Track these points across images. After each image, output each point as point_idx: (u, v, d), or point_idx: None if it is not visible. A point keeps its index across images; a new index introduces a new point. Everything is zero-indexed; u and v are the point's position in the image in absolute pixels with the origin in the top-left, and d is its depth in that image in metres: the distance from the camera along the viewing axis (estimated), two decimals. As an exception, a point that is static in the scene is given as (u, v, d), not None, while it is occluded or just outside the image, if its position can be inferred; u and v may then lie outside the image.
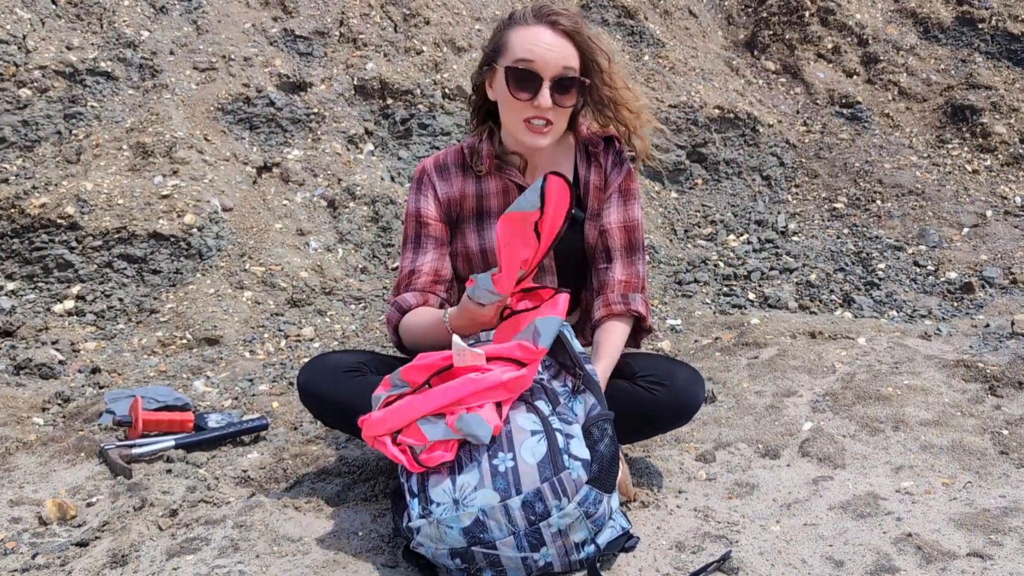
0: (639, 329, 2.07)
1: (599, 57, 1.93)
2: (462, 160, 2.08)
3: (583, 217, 2.07)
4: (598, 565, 1.65)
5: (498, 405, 1.66)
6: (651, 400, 1.91)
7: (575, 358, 1.76)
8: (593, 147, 2.09)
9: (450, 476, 1.62)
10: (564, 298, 1.77)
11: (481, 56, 2.03)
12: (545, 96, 1.88)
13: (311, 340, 3.31)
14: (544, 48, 1.87)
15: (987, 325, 3.31)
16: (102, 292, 3.48)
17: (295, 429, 2.52)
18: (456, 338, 1.69)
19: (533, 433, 1.63)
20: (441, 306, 2.01)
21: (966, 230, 4.46)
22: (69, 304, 3.41)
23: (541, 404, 1.70)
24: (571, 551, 1.62)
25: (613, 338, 1.99)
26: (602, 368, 1.91)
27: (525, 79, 1.88)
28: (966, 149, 5.08)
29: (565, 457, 1.60)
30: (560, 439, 1.62)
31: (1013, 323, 3.25)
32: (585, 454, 1.62)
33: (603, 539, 1.66)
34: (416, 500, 1.64)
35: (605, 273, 2.06)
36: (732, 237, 4.49)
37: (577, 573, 1.66)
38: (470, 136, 2.12)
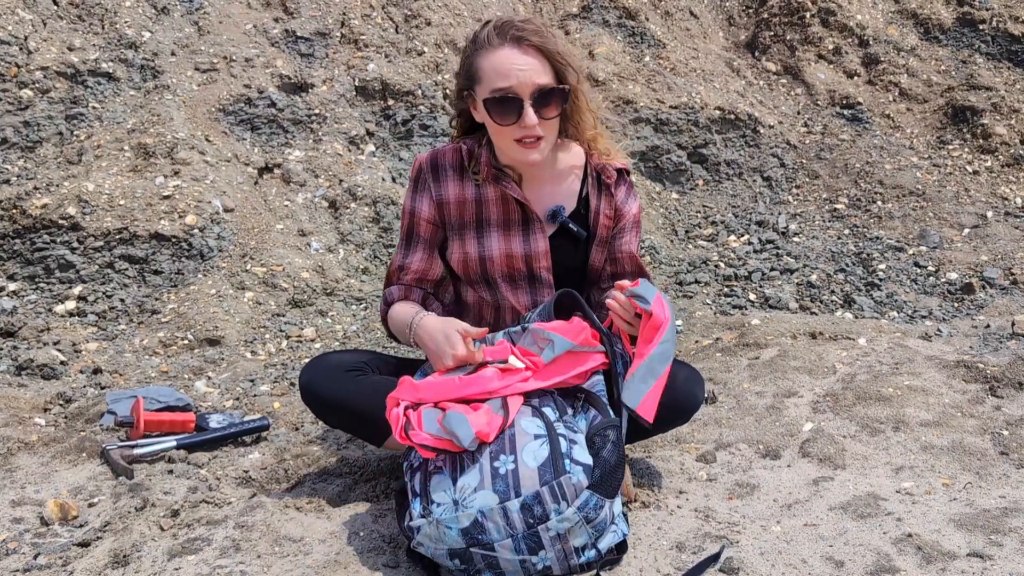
0: None
1: (568, 73, 1.92)
2: (460, 162, 2.05)
3: (584, 236, 2.08)
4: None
5: (505, 412, 1.68)
6: (651, 400, 1.91)
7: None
8: (607, 177, 2.08)
9: (451, 477, 1.63)
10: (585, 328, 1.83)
11: (456, 81, 2.01)
12: (530, 115, 1.87)
13: (312, 341, 3.31)
14: (516, 70, 1.86)
15: (987, 326, 3.31)
16: (103, 293, 3.48)
17: (296, 430, 2.52)
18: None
19: (536, 437, 1.64)
20: (424, 299, 2.08)
21: (967, 231, 4.46)
22: (71, 305, 3.41)
23: (548, 411, 1.71)
24: (571, 555, 1.61)
25: None
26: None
27: (506, 106, 1.87)
28: (967, 150, 5.08)
29: (567, 461, 1.60)
30: (563, 444, 1.63)
31: (1013, 324, 3.25)
32: (588, 459, 1.62)
33: (604, 544, 1.65)
34: (418, 499, 1.65)
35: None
36: (733, 238, 4.49)
37: (578, 576, 1.66)
38: (468, 139, 2.08)
